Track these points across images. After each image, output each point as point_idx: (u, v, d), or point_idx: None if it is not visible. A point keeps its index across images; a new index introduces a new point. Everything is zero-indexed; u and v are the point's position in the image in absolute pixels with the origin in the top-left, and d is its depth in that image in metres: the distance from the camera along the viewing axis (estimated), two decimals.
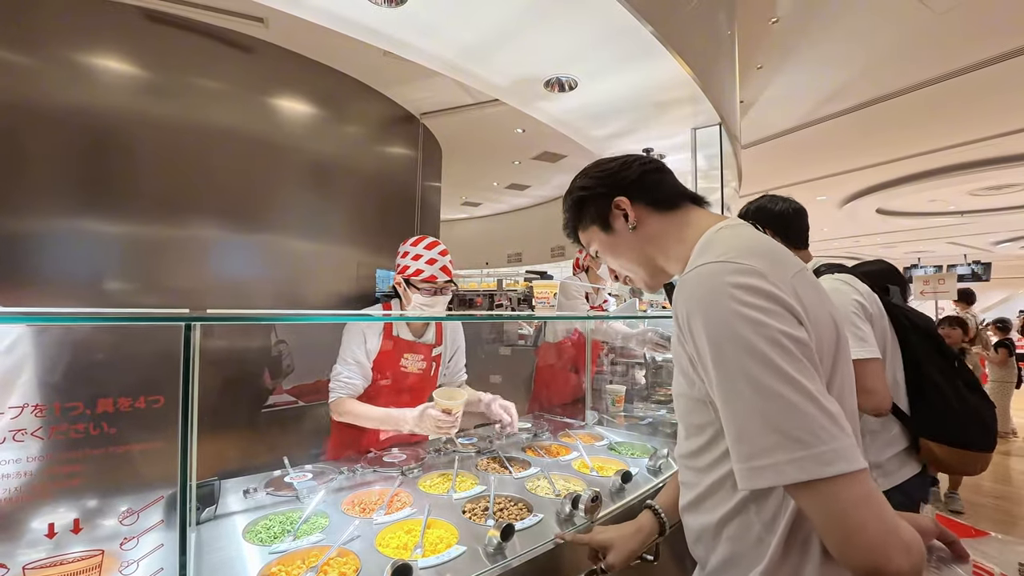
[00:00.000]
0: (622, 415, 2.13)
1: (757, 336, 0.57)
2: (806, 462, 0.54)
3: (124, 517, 0.69)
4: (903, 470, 1.46)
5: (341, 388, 1.59)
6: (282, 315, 1.19)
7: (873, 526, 0.53)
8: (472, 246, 9.47)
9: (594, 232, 0.92)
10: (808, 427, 0.54)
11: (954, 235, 10.25)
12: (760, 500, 0.67)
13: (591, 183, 0.91)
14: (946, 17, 3.06)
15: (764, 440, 0.56)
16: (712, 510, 0.72)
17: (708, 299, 0.62)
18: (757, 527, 0.67)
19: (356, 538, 1.02)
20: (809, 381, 0.57)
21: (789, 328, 0.59)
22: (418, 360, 1.72)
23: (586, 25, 1.97)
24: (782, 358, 0.57)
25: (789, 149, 5.45)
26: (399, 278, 1.66)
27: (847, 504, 0.53)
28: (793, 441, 0.54)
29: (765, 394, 0.56)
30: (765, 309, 0.59)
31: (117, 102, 2.83)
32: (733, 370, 0.58)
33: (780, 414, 0.55)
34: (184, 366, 0.69)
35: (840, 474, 0.53)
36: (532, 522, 1.12)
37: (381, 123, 4.26)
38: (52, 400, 0.63)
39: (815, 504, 0.55)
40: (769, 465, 0.55)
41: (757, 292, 0.60)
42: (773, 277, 0.62)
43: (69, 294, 2.66)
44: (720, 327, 0.60)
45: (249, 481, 1.30)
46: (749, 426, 0.57)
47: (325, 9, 1.94)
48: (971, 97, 4.10)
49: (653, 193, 0.85)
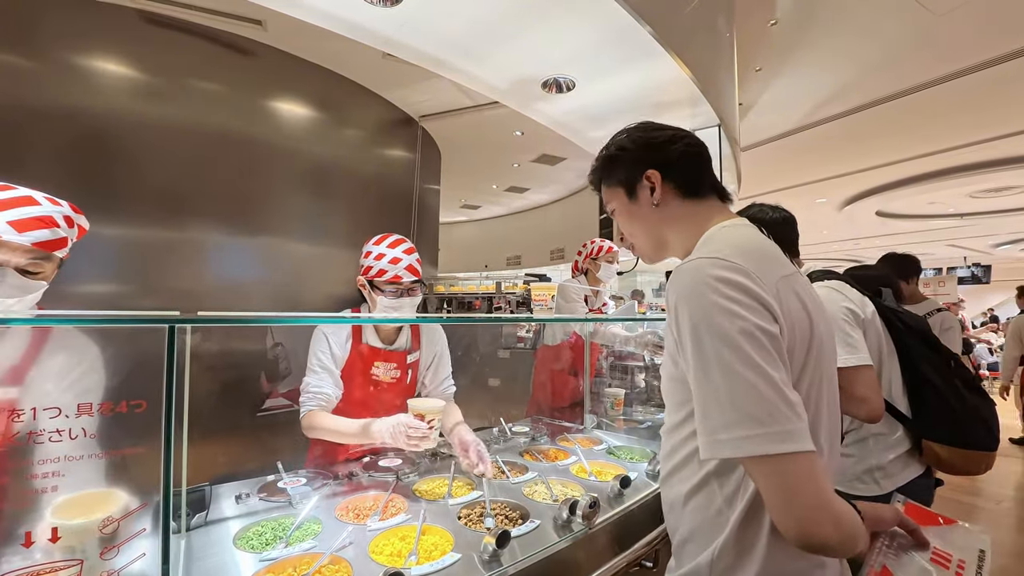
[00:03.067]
0: (621, 419, 2.11)
1: (732, 325, 0.64)
2: (761, 439, 0.60)
3: (104, 525, 0.67)
4: (905, 472, 1.45)
5: (311, 400, 1.46)
6: (270, 317, 1.17)
7: (808, 499, 0.60)
8: (471, 249, 9.46)
9: (617, 193, 0.93)
10: (767, 409, 0.61)
11: (954, 237, 10.25)
12: (722, 476, 0.73)
13: (631, 147, 0.91)
14: (945, 19, 3.06)
15: (727, 416, 0.63)
16: (682, 482, 0.79)
17: (693, 290, 0.69)
18: (719, 501, 0.74)
19: (349, 545, 1.00)
20: (774, 370, 0.63)
21: (762, 322, 0.66)
22: (391, 368, 1.58)
23: (584, 26, 1.96)
24: (751, 347, 0.63)
25: (788, 151, 5.45)
26: (362, 279, 1.53)
27: (789, 478, 0.60)
28: (752, 419, 0.61)
29: (732, 377, 0.63)
30: (742, 303, 0.66)
31: (115, 104, 2.82)
32: (708, 354, 0.65)
33: (743, 395, 0.62)
34: (168, 370, 0.67)
35: (789, 452, 0.60)
36: (529, 528, 1.10)
37: (380, 126, 4.25)
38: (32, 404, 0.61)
39: (763, 476, 0.62)
40: (729, 439, 0.62)
41: (737, 287, 0.67)
42: (757, 276, 0.69)
43: (66, 297, 2.64)
44: (700, 315, 0.67)
45: (242, 486, 1.28)
46: (716, 403, 0.64)
47: (321, 9, 1.93)
48: (970, 99, 4.10)
49: (685, 177, 0.87)
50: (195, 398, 1.03)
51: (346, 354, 1.54)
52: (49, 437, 0.61)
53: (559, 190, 7.06)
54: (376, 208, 4.20)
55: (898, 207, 7.87)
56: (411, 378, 1.65)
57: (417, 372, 1.68)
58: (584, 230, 6.64)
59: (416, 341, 1.67)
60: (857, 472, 1.47)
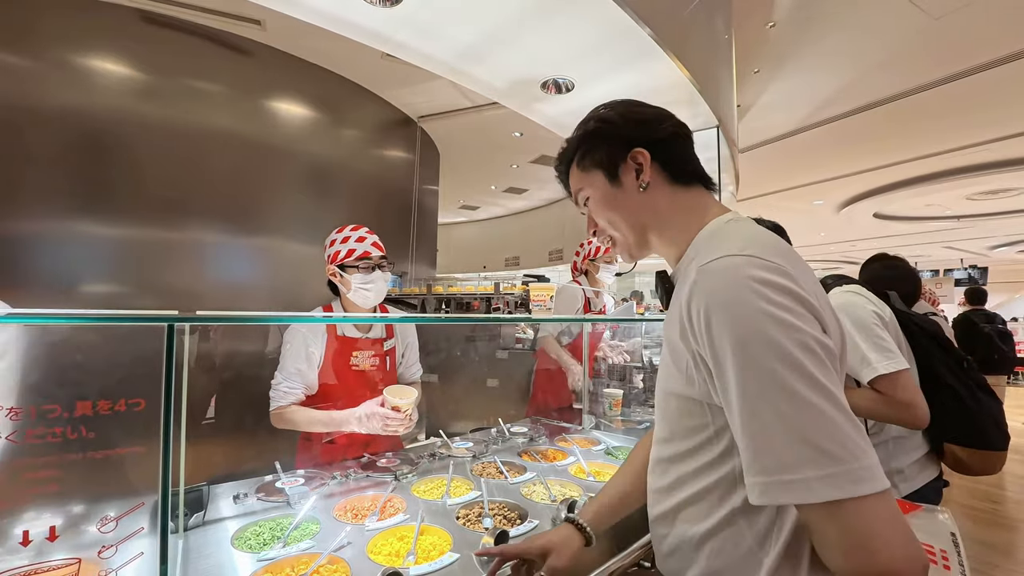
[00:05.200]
0: (619, 419, 2.11)
1: (788, 339, 0.53)
2: (839, 479, 0.49)
3: (102, 524, 0.67)
4: (922, 475, 1.45)
5: (280, 398, 1.50)
6: (268, 316, 1.17)
7: (897, 547, 0.50)
8: (470, 250, 9.47)
9: (595, 177, 0.79)
10: (841, 441, 0.50)
11: (951, 239, 10.29)
12: (751, 513, 0.62)
13: (616, 119, 0.77)
14: (942, 22, 3.08)
15: (793, 453, 0.51)
16: (695, 521, 0.67)
17: (732, 295, 0.57)
18: (748, 541, 0.63)
19: (347, 545, 1.00)
20: (839, 392, 0.53)
21: (818, 334, 0.55)
22: (368, 356, 1.63)
23: (583, 27, 1.97)
24: (814, 365, 0.53)
25: (786, 153, 5.47)
26: (332, 268, 1.57)
27: (875, 523, 0.50)
28: (826, 456, 0.50)
29: (797, 403, 0.51)
30: (795, 311, 0.55)
31: (114, 104, 2.82)
32: (761, 374, 0.53)
33: (813, 426, 0.51)
34: (166, 368, 0.67)
35: (872, 493, 0.50)
36: (527, 529, 1.10)
37: (379, 126, 4.25)
38: (30, 403, 0.61)
39: (838, 522, 0.50)
40: (798, 480, 0.51)
41: (786, 292, 0.56)
42: (799, 279, 0.58)
43: (64, 296, 2.63)
44: (746, 327, 0.55)
45: (240, 486, 1.28)
46: (775, 436, 0.52)
47: (320, 9, 1.93)
48: (967, 102, 4.12)
49: (675, 161, 0.76)
50: (193, 397, 1.03)
51: (323, 349, 1.57)
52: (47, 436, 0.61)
53: (558, 191, 7.03)
54: (375, 208, 4.20)
55: (895, 209, 7.90)
56: (391, 364, 1.70)
57: (395, 360, 1.73)
58: (583, 231, 6.64)
59: (390, 329, 1.73)
60: None
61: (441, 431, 1.73)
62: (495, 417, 1.98)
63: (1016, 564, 2.84)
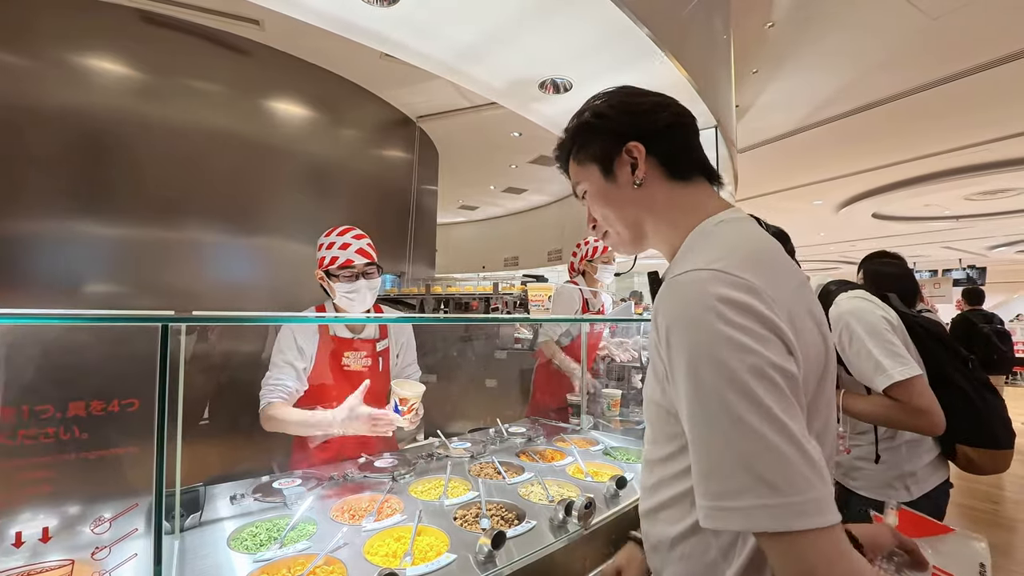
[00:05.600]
0: (618, 419, 2.10)
1: (741, 363, 0.52)
2: (778, 511, 0.49)
3: (96, 525, 0.67)
4: (933, 477, 1.44)
5: (271, 392, 1.47)
6: (264, 316, 1.17)
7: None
8: (469, 250, 9.47)
9: (589, 171, 0.78)
10: (785, 473, 0.49)
11: (949, 239, 10.30)
12: None
13: (609, 113, 0.75)
14: (941, 22, 3.08)
15: (735, 481, 0.51)
16: (670, 522, 0.68)
17: (690, 312, 0.56)
18: (713, 552, 0.64)
19: (344, 546, 1.00)
20: (793, 421, 0.51)
21: (777, 358, 0.53)
22: (360, 357, 1.61)
23: (581, 27, 1.97)
24: (766, 393, 0.51)
25: (785, 153, 5.47)
26: (319, 272, 1.56)
27: (818, 561, 0.49)
28: (767, 486, 0.49)
29: (742, 431, 0.50)
30: (753, 333, 0.53)
31: (112, 104, 2.82)
32: (709, 397, 0.53)
33: (756, 455, 0.50)
34: (160, 369, 0.67)
35: (813, 528, 0.48)
36: (524, 529, 1.10)
37: (377, 126, 4.25)
38: (23, 403, 0.61)
39: (782, 555, 0.50)
40: (738, 508, 0.50)
41: (747, 312, 0.54)
42: (769, 294, 0.56)
43: (62, 296, 2.63)
44: (699, 346, 0.54)
45: (237, 487, 1.28)
46: (720, 462, 0.52)
47: (319, 9, 1.93)
48: (966, 102, 4.12)
49: (673, 154, 0.73)
50: (190, 398, 1.03)
51: (314, 348, 1.56)
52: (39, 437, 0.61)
53: (557, 191, 7.06)
54: (374, 208, 4.20)
55: (894, 209, 7.91)
56: (383, 366, 1.68)
57: (388, 359, 1.71)
58: (582, 231, 6.65)
59: (384, 330, 1.71)
60: (888, 479, 1.45)
61: (439, 431, 1.73)
62: (493, 417, 1.98)
63: (1016, 564, 2.84)
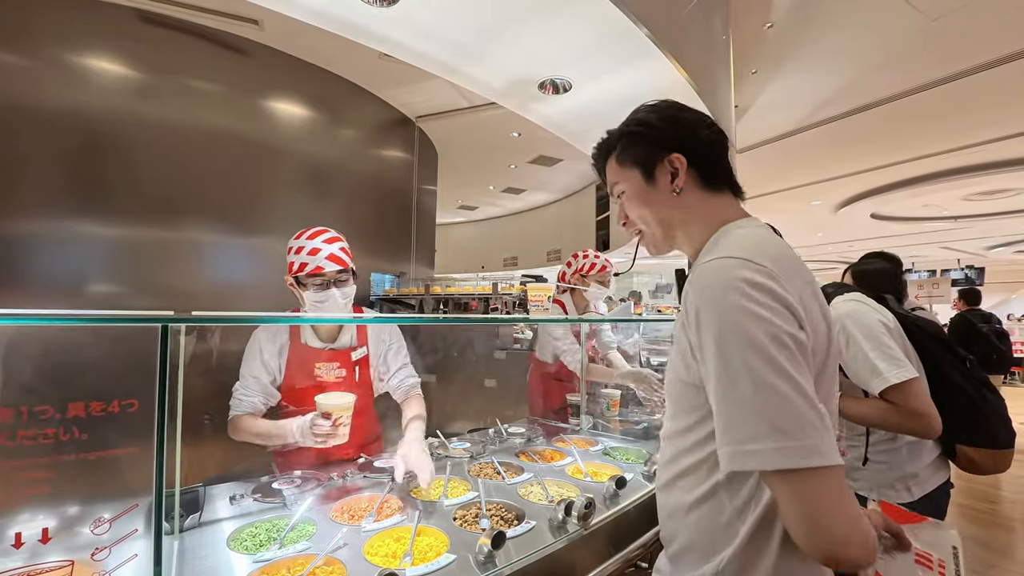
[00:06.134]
0: (617, 419, 2.11)
1: (760, 331, 0.61)
2: (791, 451, 0.57)
3: (95, 526, 0.67)
4: (934, 478, 1.44)
5: (236, 406, 1.43)
6: (264, 316, 1.17)
7: (839, 517, 0.57)
8: (468, 250, 9.47)
9: (631, 174, 0.85)
10: (797, 421, 0.58)
11: (948, 240, 10.32)
12: (733, 487, 0.70)
13: (658, 123, 0.83)
14: (939, 23, 3.09)
15: (755, 428, 0.59)
16: (687, 490, 0.76)
17: (717, 292, 0.65)
18: (728, 511, 0.71)
19: (343, 546, 1.00)
20: (804, 380, 0.60)
21: (791, 328, 0.62)
22: (334, 368, 1.51)
23: (581, 27, 1.97)
24: (781, 354, 0.60)
25: (783, 154, 5.48)
26: (289, 278, 1.45)
27: (819, 495, 0.58)
28: (781, 432, 0.58)
29: (761, 386, 0.59)
30: (770, 307, 0.62)
31: (111, 103, 2.81)
32: (734, 360, 0.61)
33: (773, 405, 0.59)
34: (161, 369, 0.67)
35: (819, 466, 0.57)
36: (524, 529, 1.10)
37: (377, 126, 4.25)
38: (22, 403, 0.61)
39: (790, 492, 0.59)
40: (756, 450, 0.59)
41: (764, 290, 0.63)
42: (782, 280, 0.65)
43: (60, 296, 2.62)
44: (726, 319, 0.63)
45: (236, 487, 1.28)
46: (742, 414, 0.60)
47: (318, 9, 1.93)
48: (965, 102, 4.13)
49: (709, 167, 0.82)
50: (190, 398, 1.02)
51: (283, 360, 1.48)
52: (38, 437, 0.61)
53: (556, 191, 7.07)
54: (373, 208, 4.20)
55: (893, 210, 7.92)
56: (360, 376, 1.57)
57: (367, 369, 1.60)
58: (581, 231, 6.66)
59: (362, 336, 1.59)
60: (890, 480, 1.45)
61: (438, 431, 1.73)
62: (492, 417, 1.98)
63: (1014, 564, 2.85)
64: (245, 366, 1.46)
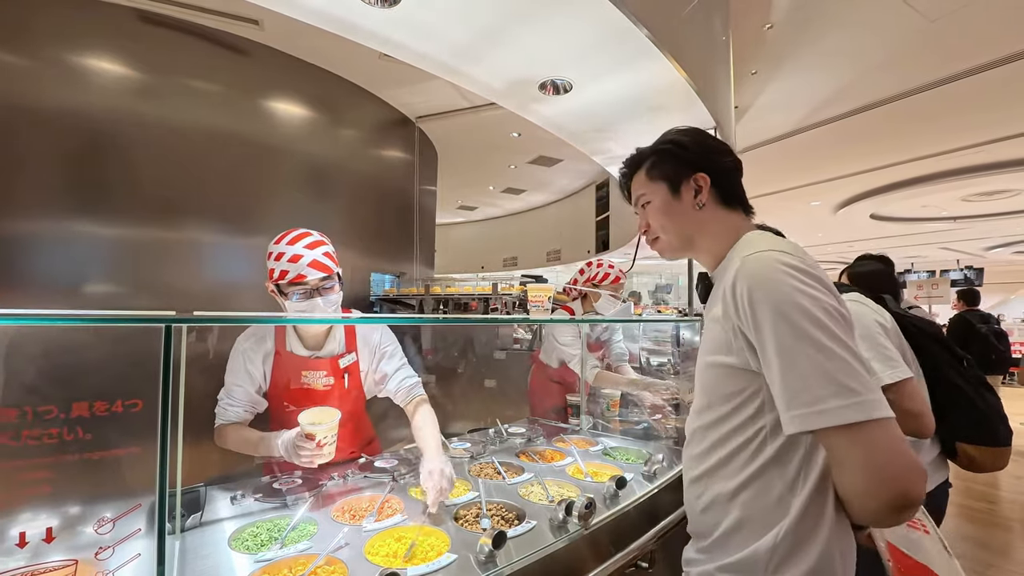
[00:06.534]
0: (617, 419, 2.11)
1: (815, 306, 0.69)
2: (859, 406, 0.64)
3: (99, 526, 0.67)
4: (935, 476, 1.45)
5: (221, 415, 1.40)
6: (266, 317, 1.17)
7: (902, 460, 0.64)
8: (468, 250, 9.47)
9: (658, 187, 0.95)
10: (858, 379, 0.66)
11: (947, 240, 10.33)
12: (782, 462, 0.75)
13: (690, 144, 0.94)
14: (939, 24, 3.09)
15: (823, 389, 0.66)
16: (728, 477, 0.80)
17: (768, 277, 0.73)
18: (779, 487, 0.75)
19: (345, 546, 1.00)
20: (855, 344, 0.69)
21: (837, 304, 0.72)
22: (320, 376, 1.44)
23: (581, 27, 1.97)
24: (835, 324, 0.69)
25: (783, 154, 5.48)
26: (270, 285, 1.38)
27: (885, 443, 0.64)
28: (848, 389, 0.65)
29: (823, 351, 0.67)
30: (818, 288, 0.72)
31: (110, 103, 2.81)
32: (795, 331, 0.68)
33: (836, 368, 0.66)
34: (164, 369, 0.67)
35: (882, 417, 0.64)
36: (525, 529, 1.11)
37: (377, 126, 4.25)
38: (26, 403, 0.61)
39: (859, 444, 0.65)
40: (827, 409, 0.65)
41: (809, 275, 0.73)
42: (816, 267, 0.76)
43: (60, 296, 2.62)
44: (780, 297, 0.71)
45: (237, 487, 1.28)
46: (809, 379, 0.67)
47: (318, 9, 1.93)
48: (964, 103, 4.14)
49: (728, 188, 0.94)
50: (189, 397, 1.03)
51: (268, 368, 1.43)
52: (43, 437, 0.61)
53: (556, 192, 7.07)
54: (373, 209, 4.20)
55: (892, 210, 7.92)
56: (350, 382, 1.50)
57: (358, 375, 1.54)
58: (581, 231, 6.66)
59: (351, 343, 1.52)
60: None
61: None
62: (493, 418, 1.98)
63: (1013, 564, 2.86)
64: (229, 375, 1.42)
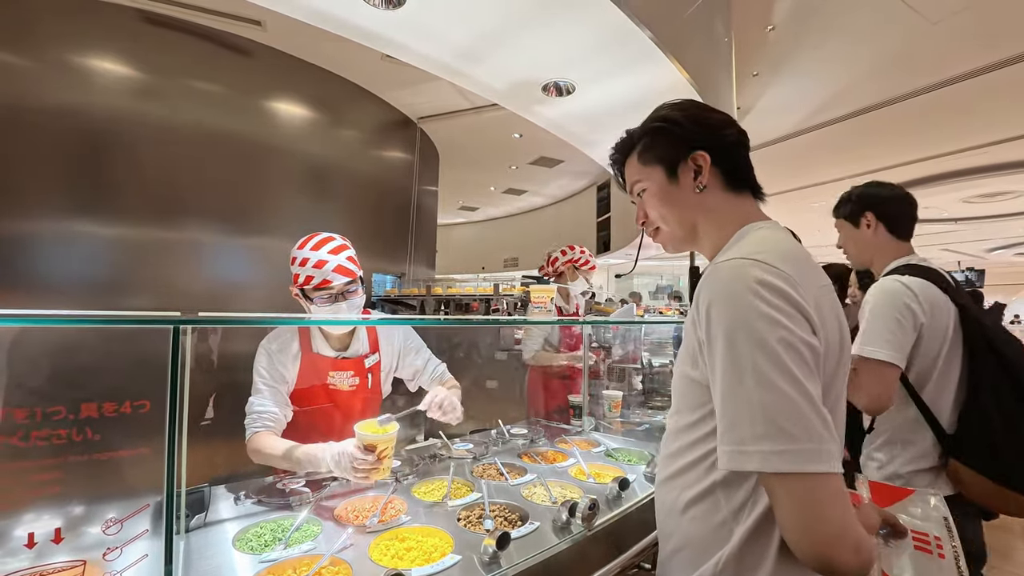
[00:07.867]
0: (619, 421, 2.11)
1: (770, 332, 0.60)
2: (791, 455, 0.57)
3: (107, 526, 0.67)
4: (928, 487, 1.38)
5: (255, 422, 1.34)
6: (270, 318, 1.17)
7: (833, 523, 0.57)
8: (469, 251, 9.47)
9: (653, 171, 0.83)
10: (801, 424, 0.58)
11: (948, 242, 10.33)
12: (730, 487, 0.69)
13: (683, 120, 0.81)
14: (940, 27, 3.09)
15: (757, 428, 0.59)
16: (684, 488, 0.75)
17: (731, 291, 0.65)
18: (724, 512, 0.70)
19: (348, 547, 1.00)
20: (811, 385, 0.60)
21: (803, 333, 0.62)
22: (347, 376, 1.47)
23: (583, 29, 1.97)
24: (790, 358, 0.60)
25: (784, 156, 5.48)
26: (294, 290, 1.39)
27: (815, 500, 0.57)
28: (784, 434, 0.58)
29: (767, 387, 0.59)
30: (784, 311, 0.62)
31: (113, 104, 2.82)
32: (742, 360, 0.61)
33: (777, 408, 0.58)
34: (172, 370, 0.67)
35: (819, 472, 0.57)
36: (528, 530, 1.11)
37: (378, 127, 4.25)
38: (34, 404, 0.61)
39: (786, 495, 0.59)
40: (756, 452, 0.59)
41: (779, 293, 0.63)
42: (799, 285, 0.65)
43: (62, 296, 2.63)
44: (737, 318, 0.63)
45: (241, 488, 1.28)
46: (746, 413, 0.60)
47: (321, 10, 1.93)
48: (964, 105, 4.14)
49: (733, 167, 0.82)
50: (194, 399, 1.03)
51: (295, 369, 1.43)
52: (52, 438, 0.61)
53: (557, 192, 7.08)
54: (374, 209, 4.21)
55: None
56: (373, 382, 1.54)
57: (379, 375, 1.58)
58: (581, 231, 6.66)
59: (374, 343, 1.56)
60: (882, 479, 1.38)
61: (441, 432, 1.73)
62: (495, 419, 1.98)
63: (1013, 565, 2.85)
64: (258, 376, 1.40)
